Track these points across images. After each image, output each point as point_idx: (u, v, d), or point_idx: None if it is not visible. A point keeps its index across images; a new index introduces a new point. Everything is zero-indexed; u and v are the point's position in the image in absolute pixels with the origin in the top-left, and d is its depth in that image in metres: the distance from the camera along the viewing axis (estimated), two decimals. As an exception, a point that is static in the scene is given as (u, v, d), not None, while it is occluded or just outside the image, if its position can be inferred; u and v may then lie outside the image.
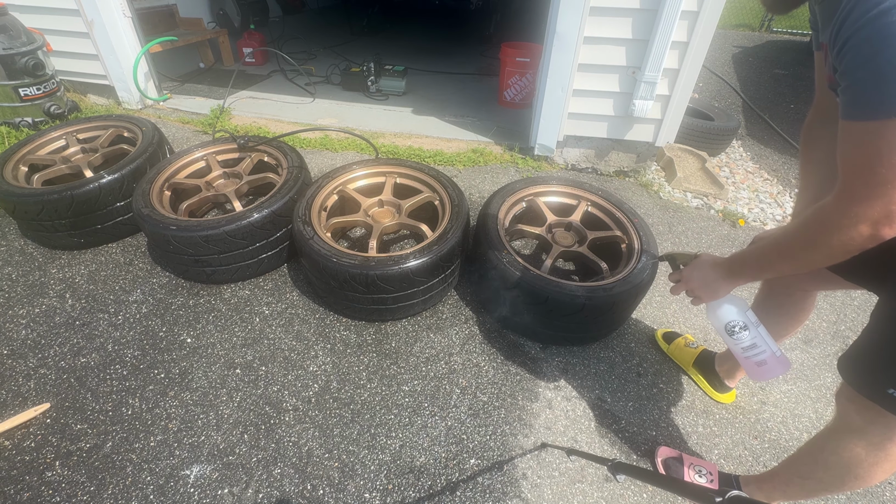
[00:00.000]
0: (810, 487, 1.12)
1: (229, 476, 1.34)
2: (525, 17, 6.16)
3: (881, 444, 0.94)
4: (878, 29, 0.62)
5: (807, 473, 1.12)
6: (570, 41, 2.57)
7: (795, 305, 1.33)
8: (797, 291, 1.30)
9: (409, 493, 1.33)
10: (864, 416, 0.95)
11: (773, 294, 1.36)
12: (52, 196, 1.88)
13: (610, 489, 1.37)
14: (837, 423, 1.04)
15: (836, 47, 0.70)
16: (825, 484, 1.08)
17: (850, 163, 0.72)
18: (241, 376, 1.61)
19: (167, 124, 3.22)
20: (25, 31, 2.76)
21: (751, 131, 3.91)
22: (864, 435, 0.96)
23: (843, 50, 0.68)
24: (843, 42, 0.68)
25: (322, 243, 1.68)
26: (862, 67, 0.66)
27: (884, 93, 0.64)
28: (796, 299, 1.31)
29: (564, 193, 2.17)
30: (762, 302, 1.39)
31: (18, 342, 1.67)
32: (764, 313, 1.37)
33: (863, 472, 0.98)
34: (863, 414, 0.95)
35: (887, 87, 0.63)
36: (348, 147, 3.06)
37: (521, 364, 1.73)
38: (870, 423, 0.94)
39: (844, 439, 1.00)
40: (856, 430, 0.98)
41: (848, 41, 0.66)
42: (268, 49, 4.47)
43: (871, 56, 0.64)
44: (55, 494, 1.26)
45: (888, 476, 0.97)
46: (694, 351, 1.73)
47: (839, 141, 0.74)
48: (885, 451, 0.94)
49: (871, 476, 0.98)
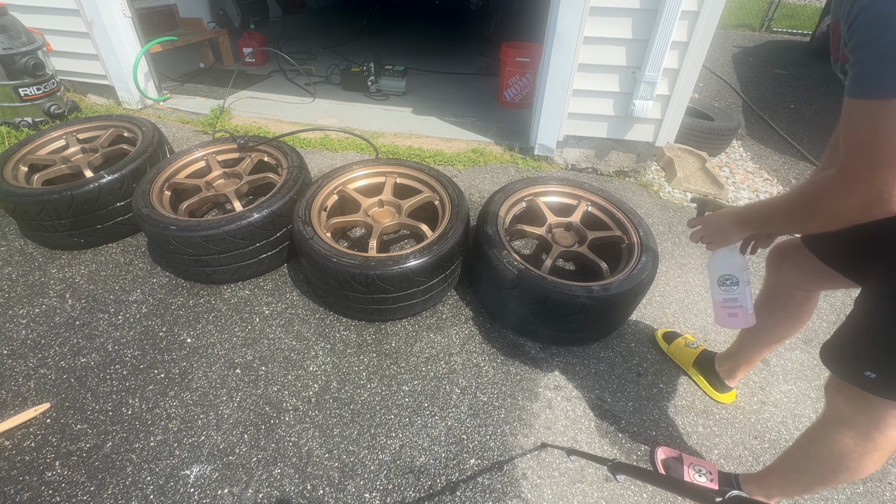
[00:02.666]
0: (805, 482, 1.13)
1: (229, 476, 1.34)
2: (525, 17, 6.16)
3: (868, 433, 0.95)
4: (885, 8, 0.62)
5: (801, 468, 1.13)
6: (570, 41, 2.57)
7: (797, 307, 1.33)
8: (799, 292, 1.30)
9: (409, 493, 1.33)
10: (850, 406, 0.97)
11: (776, 295, 1.36)
12: (52, 196, 1.88)
13: (610, 489, 1.37)
14: (826, 415, 1.06)
15: (847, 23, 0.70)
16: (819, 477, 1.09)
17: (850, 140, 0.73)
18: (241, 376, 1.61)
19: (167, 124, 3.22)
20: (25, 31, 2.76)
21: (751, 131, 3.91)
22: (852, 425, 0.98)
23: (852, 27, 0.68)
24: (853, 19, 0.68)
25: (322, 243, 1.68)
26: (867, 46, 0.66)
27: (887, 73, 0.64)
28: (798, 300, 1.31)
29: (564, 193, 2.17)
30: (765, 303, 1.39)
31: (18, 342, 1.67)
32: (766, 314, 1.37)
33: (853, 464, 1.00)
34: (850, 404, 0.97)
35: (891, 67, 0.63)
36: (348, 147, 3.06)
37: (521, 364, 1.73)
38: (857, 413, 0.96)
39: (833, 431, 1.02)
40: (844, 421, 0.99)
41: (857, 18, 0.67)
42: (268, 49, 4.47)
43: (876, 35, 0.64)
44: (55, 494, 1.27)
45: (878, 466, 0.99)
46: (694, 351, 1.73)
47: (842, 117, 0.74)
48: (872, 440, 0.95)
49: (862, 467, 0.99)
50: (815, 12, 8.10)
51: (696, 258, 2.35)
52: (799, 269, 1.24)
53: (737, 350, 1.56)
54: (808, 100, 4.52)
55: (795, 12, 8.32)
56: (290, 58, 4.15)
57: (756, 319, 1.20)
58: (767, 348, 1.47)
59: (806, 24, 7.59)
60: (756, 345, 1.48)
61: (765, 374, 1.78)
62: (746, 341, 1.51)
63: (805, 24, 7.56)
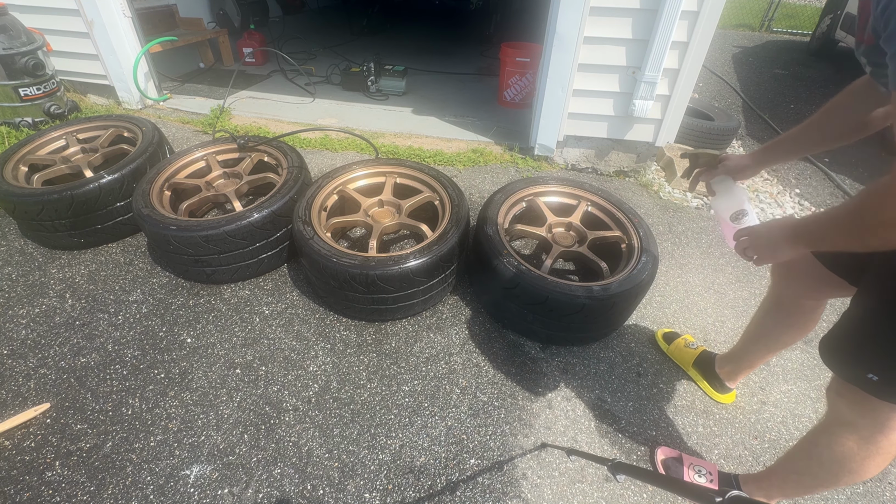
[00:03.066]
0: (806, 483, 1.13)
1: (229, 476, 1.34)
2: (525, 17, 6.16)
3: (872, 437, 0.95)
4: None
5: (802, 470, 1.13)
6: (570, 41, 2.57)
7: (805, 315, 1.30)
8: (808, 301, 1.27)
9: (409, 493, 1.33)
10: (853, 409, 0.96)
11: (783, 304, 1.33)
12: (52, 196, 1.88)
13: (610, 489, 1.37)
14: (829, 418, 1.05)
15: (881, 6, 0.65)
16: (820, 479, 1.08)
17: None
18: (241, 376, 1.61)
19: (167, 124, 3.22)
20: (25, 31, 2.76)
21: (751, 131, 3.91)
22: (856, 429, 0.97)
23: (886, 11, 0.63)
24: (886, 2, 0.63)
25: (322, 243, 1.68)
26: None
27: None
28: (806, 309, 1.29)
29: (564, 193, 2.17)
30: (771, 310, 1.37)
31: (18, 342, 1.67)
32: (773, 322, 1.36)
33: (856, 466, 0.99)
34: (852, 407, 0.96)
35: None
36: (348, 147, 3.06)
37: (521, 364, 1.73)
38: (860, 417, 0.95)
39: (836, 434, 1.01)
40: (847, 424, 0.99)
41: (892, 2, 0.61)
42: (268, 49, 4.47)
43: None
44: (55, 494, 1.27)
45: (880, 469, 0.98)
46: (694, 351, 1.73)
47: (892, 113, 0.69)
48: (875, 444, 0.95)
49: (864, 470, 0.99)
50: (815, 12, 8.10)
51: (696, 258, 2.35)
52: (807, 277, 1.20)
53: (739, 354, 1.54)
54: (808, 100, 4.52)
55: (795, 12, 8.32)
56: (290, 58, 4.15)
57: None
58: (772, 353, 1.46)
59: (806, 24, 7.60)
60: (760, 350, 1.47)
61: (765, 374, 1.78)
62: (750, 346, 1.49)
63: (805, 24, 7.57)
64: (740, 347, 1.54)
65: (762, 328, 1.43)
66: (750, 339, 1.49)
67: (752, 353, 1.50)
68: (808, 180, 3.19)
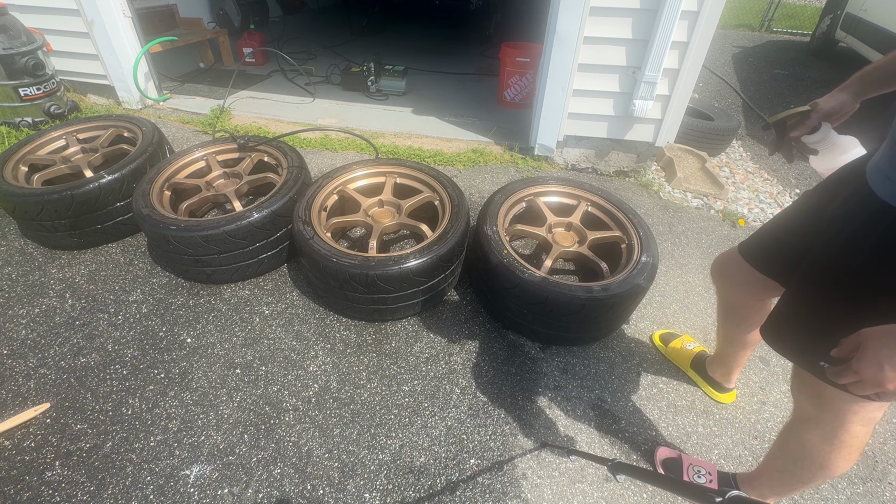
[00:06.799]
0: (789, 481, 1.14)
1: (229, 476, 1.34)
2: (525, 17, 6.16)
3: (833, 430, 0.96)
4: None
5: (782, 467, 1.14)
6: (570, 41, 2.57)
7: (758, 313, 1.32)
8: (754, 302, 1.31)
9: (409, 493, 1.33)
10: (814, 403, 0.98)
11: (734, 307, 1.38)
12: (52, 196, 1.88)
13: (610, 489, 1.37)
14: (794, 415, 1.07)
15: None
16: (798, 477, 1.10)
17: None
18: (241, 376, 1.61)
19: (167, 124, 3.22)
20: (25, 31, 2.75)
21: (751, 131, 3.91)
22: (818, 423, 0.99)
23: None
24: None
25: (322, 243, 1.68)
26: None
27: None
28: (756, 308, 1.32)
29: (564, 193, 2.17)
30: (727, 314, 1.42)
31: (18, 342, 1.67)
32: (734, 324, 1.40)
33: (825, 461, 1.01)
34: (813, 402, 0.98)
35: None
36: (348, 147, 3.06)
37: (521, 364, 1.73)
38: (820, 411, 0.97)
39: (802, 429, 1.04)
40: (810, 419, 1.01)
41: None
42: (268, 49, 4.47)
43: None
44: (55, 494, 1.27)
45: (851, 463, 0.99)
46: (690, 352, 1.73)
47: None
48: (838, 438, 0.96)
49: (834, 465, 1.00)
50: (815, 12, 8.10)
51: (696, 258, 2.35)
52: (745, 283, 1.24)
53: (722, 356, 1.56)
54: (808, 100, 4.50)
55: (795, 12, 8.33)
56: (290, 58, 4.14)
57: None
58: (748, 349, 1.48)
59: (806, 24, 7.60)
60: (737, 349, 1.49)
61: (765, 374, 1.78)
62: (727, 347, 1.51)
63: (805, 25, 7.57)
64: (720, 350, 1.56)
65: (727, 330, 1.47)
66: (724, 341, 1.51)
67: (731, 353, 1.52)
68: (808, 180, 3.19)
